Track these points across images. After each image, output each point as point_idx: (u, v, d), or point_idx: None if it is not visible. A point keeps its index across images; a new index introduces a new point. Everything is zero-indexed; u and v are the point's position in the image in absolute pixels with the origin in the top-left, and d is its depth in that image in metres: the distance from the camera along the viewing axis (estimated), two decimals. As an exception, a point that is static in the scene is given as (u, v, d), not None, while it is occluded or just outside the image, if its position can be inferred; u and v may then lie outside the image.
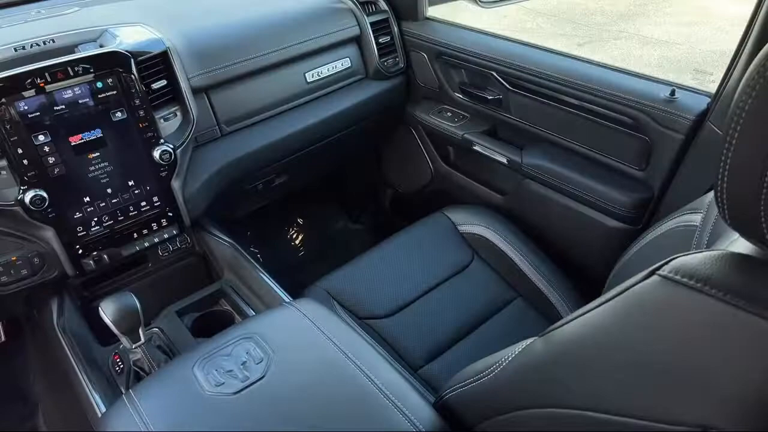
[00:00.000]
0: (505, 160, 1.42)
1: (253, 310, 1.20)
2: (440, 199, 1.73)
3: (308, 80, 1.42)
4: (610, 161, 1.24)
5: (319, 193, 2.17)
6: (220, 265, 1.30)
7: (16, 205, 0.99)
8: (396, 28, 1.55)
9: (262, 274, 1.20)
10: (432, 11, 1.56)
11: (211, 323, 1.20)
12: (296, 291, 1.19)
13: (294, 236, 2.11)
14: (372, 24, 1.50)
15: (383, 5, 1.53)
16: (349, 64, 1.50)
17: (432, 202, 1.72)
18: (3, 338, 1.49)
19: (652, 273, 0.49)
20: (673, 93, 1.09)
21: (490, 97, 1.42)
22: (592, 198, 1.25)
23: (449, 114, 1.59)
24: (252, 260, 1.24)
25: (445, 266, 1.29)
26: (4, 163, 0.97)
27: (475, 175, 1.61)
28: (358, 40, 1.51)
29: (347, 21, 1.47)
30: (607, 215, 1.24)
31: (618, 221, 1.23)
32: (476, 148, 1.48)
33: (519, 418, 0.66)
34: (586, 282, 1.31)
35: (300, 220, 2.13)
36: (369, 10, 1.52)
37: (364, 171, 2.05)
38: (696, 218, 0.76)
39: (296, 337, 0.89)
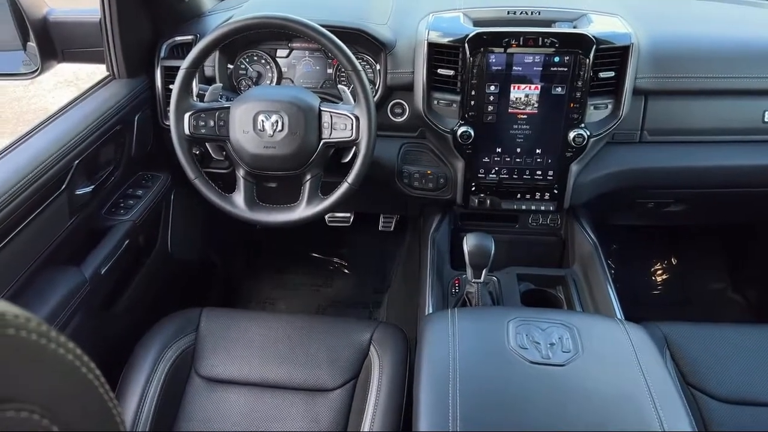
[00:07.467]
0: None
1: (582, 310, 1.20)
2: None
3: (766, 119, 1.23)
4: None
5: (712, 242, 1.90)
6: (575, 256, 1.33)
7: (449, 133, 1.22)
8: None
9: (608, 285, 1.18)
10: None
11: (538, 299, 1.26)
12: (630, 317, 1.13)
13: (658, 272, 1.94)
14: None
15: None
16: (834, 118, 1.23)
17: None
18: (392, 228, 1.90)
19: None
20: None
21: None
22: None
23: None
24: (605, 268, 1.22)
25: None
26: (457, 98, 1.20)
27: None
28: None
29: None
30: None
31: None
32: None
33: None
34: None
35: (674, 260, 1.93)
36: None
37: None
38: None
39: (611, 353, 0.86)
